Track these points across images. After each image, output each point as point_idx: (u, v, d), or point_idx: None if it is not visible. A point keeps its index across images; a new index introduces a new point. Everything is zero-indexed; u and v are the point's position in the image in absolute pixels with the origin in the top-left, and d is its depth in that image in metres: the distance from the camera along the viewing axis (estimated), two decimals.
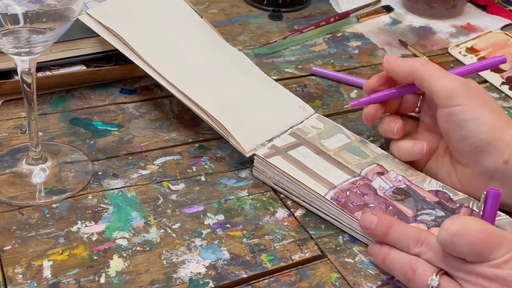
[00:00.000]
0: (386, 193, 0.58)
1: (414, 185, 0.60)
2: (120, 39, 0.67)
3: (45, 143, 0.63)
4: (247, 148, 0.61)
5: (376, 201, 0.57)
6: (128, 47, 0.67)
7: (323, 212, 0.57)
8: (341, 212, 0.56)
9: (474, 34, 0.94)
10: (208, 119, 0.63)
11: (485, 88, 0.81)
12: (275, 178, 0.60)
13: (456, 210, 0.58)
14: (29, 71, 0.53)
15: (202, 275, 0.51)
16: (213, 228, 0.56)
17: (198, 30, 0.73)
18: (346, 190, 0.58)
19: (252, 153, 0.61)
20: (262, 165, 0.60)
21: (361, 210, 0.56)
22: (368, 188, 0.59)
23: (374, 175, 0.60)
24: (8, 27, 0.50)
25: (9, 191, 0.57)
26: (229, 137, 0.62)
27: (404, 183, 0.60)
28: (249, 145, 0.61)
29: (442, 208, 0.58)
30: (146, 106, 0.71)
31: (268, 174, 0.60)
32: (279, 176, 0.59)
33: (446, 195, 0.59)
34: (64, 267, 0.51)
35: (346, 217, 0.56)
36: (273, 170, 0.59)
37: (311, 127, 0.65)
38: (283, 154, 0.61)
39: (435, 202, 0.58)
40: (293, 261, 0.54)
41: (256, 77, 0.72)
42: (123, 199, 0.58)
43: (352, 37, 0.91)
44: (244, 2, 0.97)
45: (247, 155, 0.61)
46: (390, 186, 0.59)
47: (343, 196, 0.57)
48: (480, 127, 0.57)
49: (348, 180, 0.59)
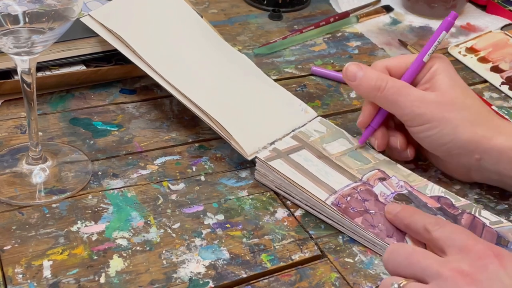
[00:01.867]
0: (387, 199, 0.58)
1: (416, 190, 0.60)
2: (122, 41, 0.67)
3: (45, 143, 0.63)
4: (249, 151, 0.61)
5: (377, 207, 0.57)
6: (130, 49, 0.67)
7: (325, 216, 0.57)
8: (342, 217, 0.56)
9: (474, 34, 0.94)
10: (209, 121, 0.63)
11: (485, 88, 0.81)
12: (277, 181, 0.60)
13: (458, 216, 0.58)
14: (29, 71, 0.53)
15: (202, 275, 0.51)
16: (213, 228, 0.56)
17: (201, 32, 0.73)
18: (347, 195, 0.57)
19: (254, 156, 0.61)
20: (264, 168, 0.60)
21: (362, 216, 0.56)
22: (369, 193, 0.58)
23: (375, 180, 0.60)
24: (8, 27, 0.50)
25: (9, 191, 0.57)
26: (231, 140, 0.62)
27: (406, 188, 0.60)
28: (251, 148, 0.61)
29: (444, 214, 0.57)
30: (146, 106, 0.71)
31: (269, 177, 0.60)
32: (280, 179, 0.59)
33: (448, 201, 0.59)
34: (64, 267, 0.51)
35: (347, 222, 0.56)
36: (274, 174, 0.59)
37: (313, 130, 0.65)
38: (285, 157, 0.61)
39: (437, 208, 0.58)
40: (293, 261, 0.54)
41: (258, 78, 0.72)
42: (123, 199, 0.58)
43: (352, 37, 0.91)
44: (244, 2, 0.97)
45: (249, 158, 0.61)
46: (391, 192, 0.59)
47: (344, 202, 0.57)
48: (444, 138, 0.59)
49: (349, 185, 0.59)
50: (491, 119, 0.60)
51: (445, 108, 0.59)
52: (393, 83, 0.60)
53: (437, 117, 0.59)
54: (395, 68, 0.63)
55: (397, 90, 0.60)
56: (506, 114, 0.75)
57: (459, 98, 0.60)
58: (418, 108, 0.59)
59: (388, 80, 0.60)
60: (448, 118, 0.59)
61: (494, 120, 0.60)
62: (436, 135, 0.59)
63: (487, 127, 0.59)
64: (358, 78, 0.61)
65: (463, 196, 0.62)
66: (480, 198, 0.62)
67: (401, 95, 0.60)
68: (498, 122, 0.60)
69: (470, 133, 0.58)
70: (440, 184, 0.62)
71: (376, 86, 0.60)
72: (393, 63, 0.63)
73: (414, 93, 0.60)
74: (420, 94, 0.60)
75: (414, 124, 0.60)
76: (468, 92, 0.61)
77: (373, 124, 0.64)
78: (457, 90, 0.60)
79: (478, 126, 0.58)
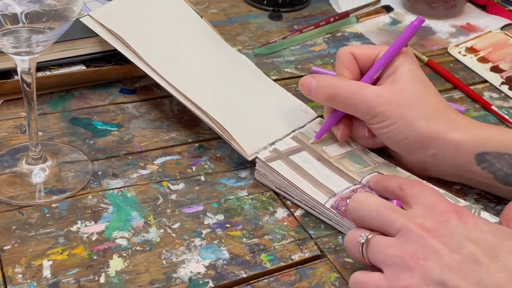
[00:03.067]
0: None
1: None
2: (122, 41, 0.67)
3: (45, 143, 0.63)
4: (249, 151, 0.61)
5: None
6: (131, 50, 0.66)
7: (325, 217, 0.57)
8: (341, 219, 0.56)
9: (474, 34, 0.94)
10: (210, 122, 0.63)
11: (485, 88, 0.81)
12: (277, 182, 0.60)
13: None
14: (29, 71, 0.53)
15: (201, 275, 0.51)
16: (213, 228, 0.56)
17: (201, 33, 0.73)
18: (346, 198, 0.57)
19: (254, 156, 0.61)
20: (264, 168, 0.60)
21: None
22: None
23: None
24: (8, 27, 0.50)
25: (9, 191, 0.57)
26: (231, 140, 0.62)
27: None
28: (251, 149, 0.61)
29: None
30: (146, 106, 0.71)
31: (269, 178, 0.60)
32: (280, 180, 0.59)
33: None
34: (64, 266, 0.51)
35: (347, 223, 0.56)
36: (274, 174, 0.59)
37: (313, 132, 0.65)
38: (285, 158, 0.61)
39: None
40: (292, 261, 0.54)
41: (258, 79, 0.72)
42: (123, 199, 0.58)
43: (352, 37, 0.91)
44: (244, 2, 0.97)
45: (249, 158, 0.61)
46: None
47: (343, 204, 0.57)
48: (400, 134, 0.60)
49: (349, 188, 0.59)
50: (448, 114, 0.60)
51: (401, 104, 0.60)
52: (346, 87, 0.61)
53: (393, 114, 0.59)
54: (361, 56, 0.63)
55: (352, 94, 0.60)
56: (506, 114, 0.75)
57: (417, 93, 0.60)
58: (374, 108, 0.60)
59: (341, 85, 0.61)
60: (404, 114, 0.59)
61: (451, 115, 0.60)
62: (393, 131, 0.60)
63: (442, 122, 0.59)
64: (313, 89, 0.62)
65: (463, 197, 0.62)
66: (480, 198, 0.62)
67: (356, 98, 0.60)
68: (454, 117, 0.60)
69: (426, 128, 0.59)
70: (440, 185, 0.62)
71: (329, 95, 0.61)
72: (359, 51, 0.63)
73: (370, 93, 0.60)
74: (375, 93, 0.60)
75: (372, 122, 0.61)
76: (427, 87, 0.61)
77: (330, 120, 0.64)
78: (416, 85, 0.61)
79: (434, 121, 0.59)
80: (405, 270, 0.46)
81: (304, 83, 0.63)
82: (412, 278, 0.45)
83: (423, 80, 0.62)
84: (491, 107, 0.76)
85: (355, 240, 0.49)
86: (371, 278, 0.48)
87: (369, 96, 0.60)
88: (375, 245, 0.48)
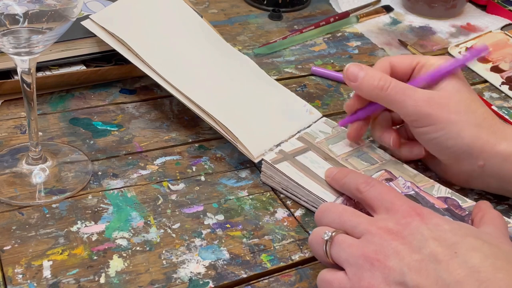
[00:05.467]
0: None
1: (423, 191, 0.60)
2: (123, 44, 0.67)
3: (45, 143, 0.63)
4: (256, 153, 0.61)
5: None
6: (133, 52, 0.66)
7: None
8: None
9: (474, 34, 0.94)
10: (214, 124, 0.63)
11: (485, 88, 0.81)
12: (284, 183, 0.60)
13: (465, 217, 0.57)
14: (29, 71, 0.53)
15: (202, 275, 0.51)
16: (213, 228, 0.56)
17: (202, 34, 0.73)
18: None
19: (261, 158, 0.61)
20: (270, 170, 0.60)
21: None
22: None
23: (382, 181, 0.60)
24: (8, 27, 0.50)
25: (9, 191, 0.57)
26: (237, 143, 0.61)
27: (412, 189, 0.59)
28: (257, 150, 0.61)
29: (451, 215, 0.57)
30: (146, 106, 0.71)
31: (276, 179, 0.60)
32: (287, 181, 0.59)
33: (455, 202, 0.59)
34: (64, 267, 0.51)
35: None
36: (281, 176, 0.59)
37: (318, 131, 0.65)
38: (291, 159, 0.61)
39: (444, 209, 0.58)
40: (293, 261, 0.54)
41: (261, 80, 0.71)
42: (123, 199, 0.58)
43: (352, 37, 0.91)
44: (244, 2, 0.97)
45: (256, 160, 0.61)
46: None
47: (351, 203, 0.56)
48: (449, 141, 0.58)
49: None
50: (495, 124, 0.59)
51: (451, 110, 0.58)
52: (396, 83, 0.59)
53: (443, 119, 0.58)
54: (400, 65, 0.62)
55: (401, 90, 0.59)
56: (506, 114, 0.75)
57: (465, 101, 0.59)
58: (423, 108, 0.58)
59: (392, 80, 0.60)
60: (453, 120, 0.58)
61: (499, 125, 0.59)
62: (441, 137, 0.58)
63: (491, 132, 0.58)
64: (359, 78, 0.60)
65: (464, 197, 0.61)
66: (480, 199, 0.62)
67: (406, 95, 0.59)
68: (502, 127, 0.59)
69: (475, 137, 0.58)
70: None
71: (379, 86, 0.59)
72: (399, 60, 0.63)
73: (420, 93, 0.59)
74: (426, 94, 0.59)
75: (419, 125, 0.59)
76: (474, 97, 0.60)
77: (361, 113, 0.63)
78: (464, 94, 0.60)
79: (483, 130, 0.58)
80: (367, 270, 0.46)
81: (351, 71, 0.61)
82: (373, 278, 0.46)
83: (471, 90, 0.61)
84: (491, 107, 0.76)
85: (319, 238, 0.49)
86: (336, 277, 0.48)
87: (418, 96, 0.59)
88: (338, 244, 0.48)
